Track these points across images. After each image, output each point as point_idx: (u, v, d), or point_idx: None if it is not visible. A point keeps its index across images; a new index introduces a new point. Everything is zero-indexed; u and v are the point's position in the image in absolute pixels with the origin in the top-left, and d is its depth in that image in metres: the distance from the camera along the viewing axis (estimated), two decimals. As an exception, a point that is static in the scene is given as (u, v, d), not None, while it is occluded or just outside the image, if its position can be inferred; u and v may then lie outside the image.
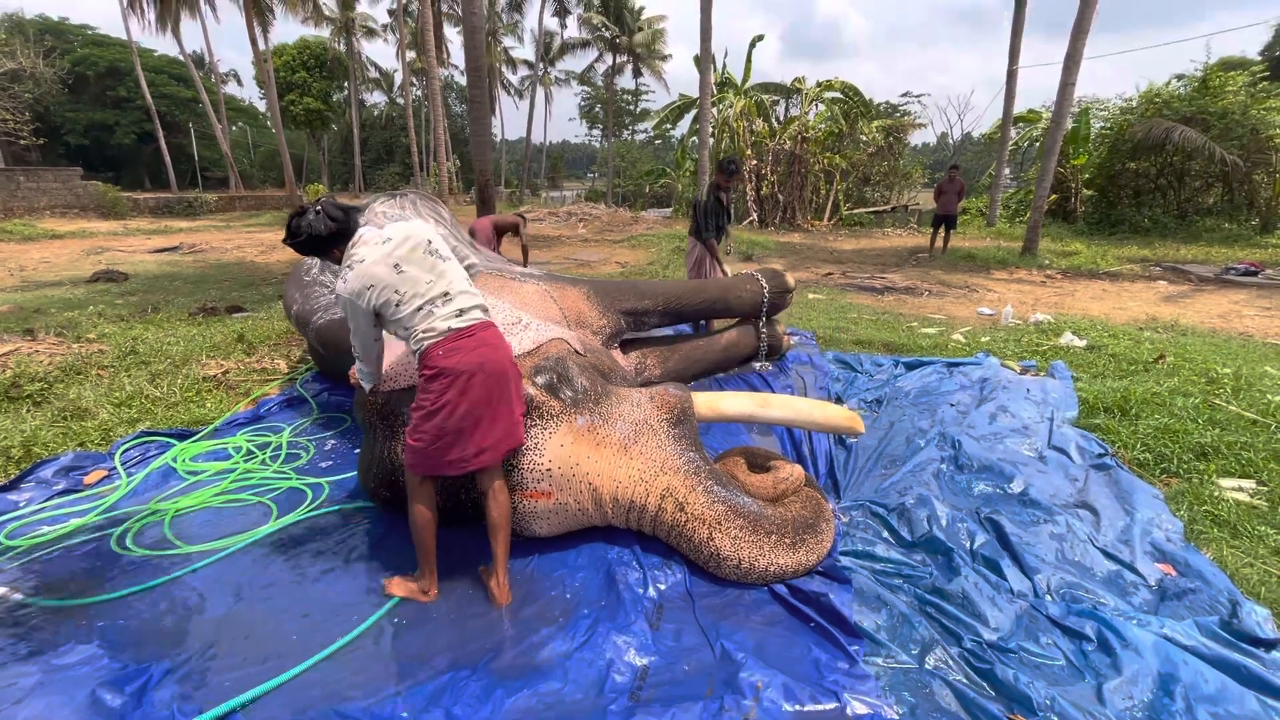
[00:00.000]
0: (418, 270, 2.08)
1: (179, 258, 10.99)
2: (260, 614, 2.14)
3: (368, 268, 2.03)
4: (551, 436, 2.36)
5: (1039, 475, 2.98)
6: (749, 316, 4.50)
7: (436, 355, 2.03)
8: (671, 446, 2.39)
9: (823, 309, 6.92)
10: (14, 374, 3.98)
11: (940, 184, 11.15)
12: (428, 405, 2.04)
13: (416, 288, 2.06)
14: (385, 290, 2.03)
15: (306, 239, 2.08)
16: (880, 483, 2.98)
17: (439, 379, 2.03)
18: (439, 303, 2.07)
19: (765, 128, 18.32)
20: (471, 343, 2.08)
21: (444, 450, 2.07)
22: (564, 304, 3.52)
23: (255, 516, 2.75)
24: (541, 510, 2.36)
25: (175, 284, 8.30)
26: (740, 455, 2.70)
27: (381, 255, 2.05)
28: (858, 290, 8.31)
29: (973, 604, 2.12)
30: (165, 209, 19.87)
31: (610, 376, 2.90)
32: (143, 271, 9.21)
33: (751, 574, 2.22)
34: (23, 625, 2.05)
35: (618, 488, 2.34)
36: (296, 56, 33.70)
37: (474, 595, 2.22)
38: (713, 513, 2.25)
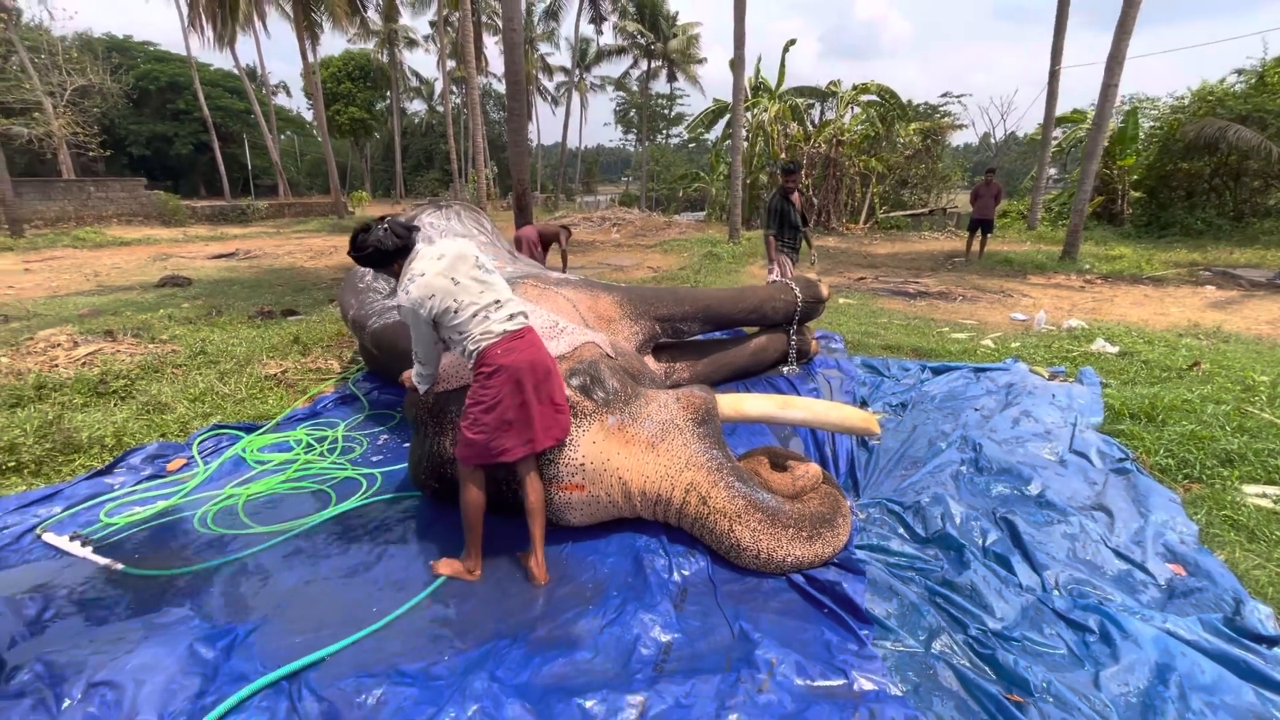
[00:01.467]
0: (470, 282, 2.32)
1: (236, 263, 11.64)
2: (323, 587, 2.40)
3: (428, 280, 2.27)
4: (585, 434, 2.56)
5: (1057, 478, 3.06)
6: (781, 323, 4.64)
7: (495, 354, 2.27)
8: (696, 444, 2.57)
9: (853, 314, 6.99)
10: (101, 372, 4.40)
11: (976, 188, 11.04)
12: (488, 399, 2.27)
13: (471, 296, 2.30)
14: (444, 299, 2.27)
15: (372, 253, 2.32)
16: (899, 483, 3.09)
17: (498, 375, 2.26)
18: (492, 309, 2.32)
19: (800, 131, 18.31)
20: (523, 343, 2.32)
21: (500, 440, 2.30)
22: (598, 310, 3.73)
23: (316, 502, 3.04)
24: (575, 501, 2.56)
25: (234, 288, 8.84)
26: (762, 454, 2.86)
27: (439, 269, 2.29)
28: (890, 295, 8.34)
29: (980, 595, 2.25)
30: (220, 216, 20.93)
31: (640, 378, 3.09)
32: (204, 276, 9.82)
33: (770, 564, 2.38)
34: (126, 590, 2.36)
35: (645, 482, 2.52)
36: (342, 68, 35.01)
37: (513, 575, 2.44)
38: (734, 506, 2.41)
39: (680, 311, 4.06)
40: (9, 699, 1.83)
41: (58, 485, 3.08)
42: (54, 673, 1.91)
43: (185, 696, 1.86)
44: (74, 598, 2.30)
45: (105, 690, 1.86)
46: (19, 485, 3.10)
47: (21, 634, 2.09)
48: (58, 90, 23.35)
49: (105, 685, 1.87)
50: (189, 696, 1.87)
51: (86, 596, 2.32)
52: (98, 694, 1.85)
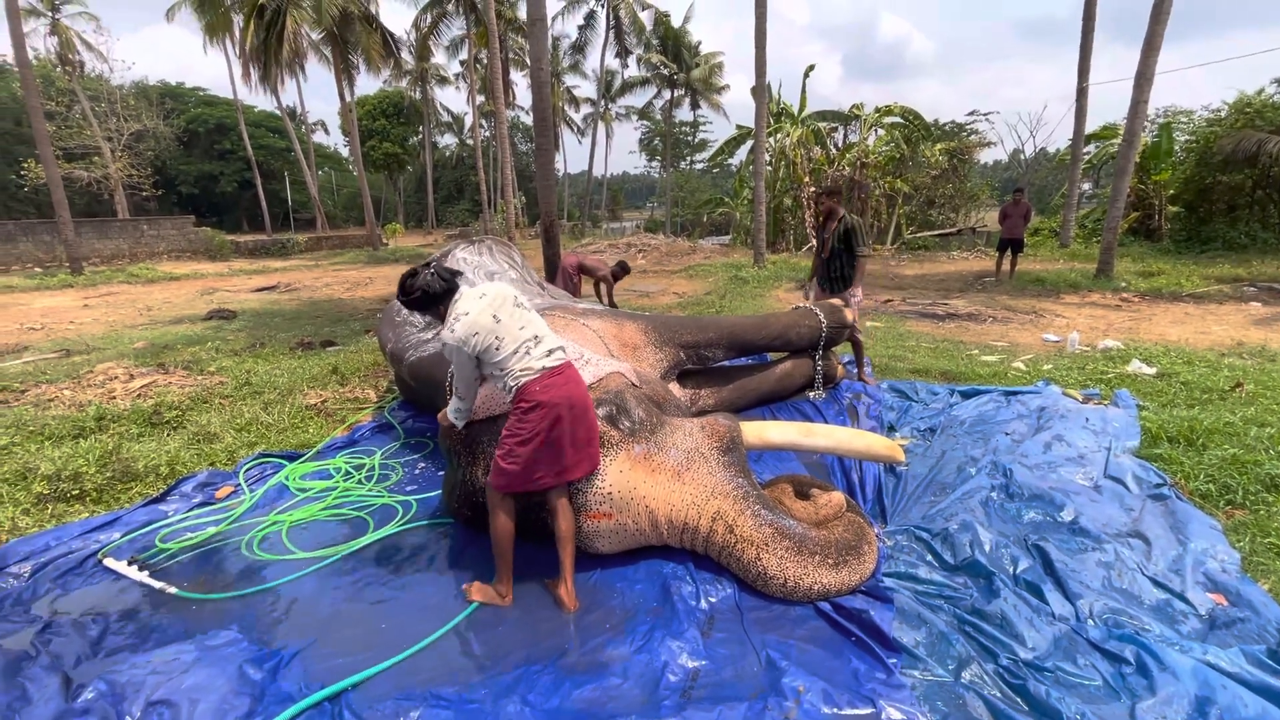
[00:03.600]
0: (511, 320, 2.44)
1: (277, 296, 12.11)
2: (362, 611, 2.49)
3: (473, 319, 2.38)
4: (612, 463, 2.62)
5: (1091, 504, 3.01)
6: (807, 349, 4.66)
7: (534, 390, 2.37)
8: (721, 473, 2.61)
9: (880, 337, 6.96)
10: (155, 403, 4.64)
11: (1005, 207, 10.95)
12: (524, 433, 2.36)
13: (512, 333, 2.41)
14: (488, 336, 2.38)
15: (420, 296, 2.45)
16: (928, 509, 3.08)
17: (536, 410, 2.36)
18: (532, 344, 2.43)
19: (823, 155, 18.41)
20: (561, 380, 2.42)
21: (533, 471, 2.39)
22: (624, 338, 3.82)
23: (355, 528, 3.16)
24: (603, 530, 2.62)
25: (275, 320, 9.21)
26: (787, 482, 2.89)
27: (482, 308, 2.41)
28: (918, 317, 8.28)
29: (1011, 625, 2.23)
30: (262, 250, 21.83)
31: (665, 407, 3.16)
32: (248, 309, 10.25)
33: (796, 591, 2.40)
34: (178, 613, 2.49)
35: (672, 510, 2.57)
36: (377, 105, 36.53)
37: (544, 601, 2.50)
38: (760, 534, 2.45)
39: (705, 338, 4.12)
40: (76, 716, 1.95)
41: (117, 512, 3.25)
42: (115, 691, 2.03)
43: (236, 715, 1.96)
44: (132, 619, 2.43)
45: (163, 709, 1.97)
46: (82, 512, 3.29)
47: (86, 653, 2.23)
48: (115, 135, 24.85)
49: (163, 704, 1.98)
50: (239, 716, 1.96)
51: (143, 618, 2.45)
52: (155, 712, 1.96)
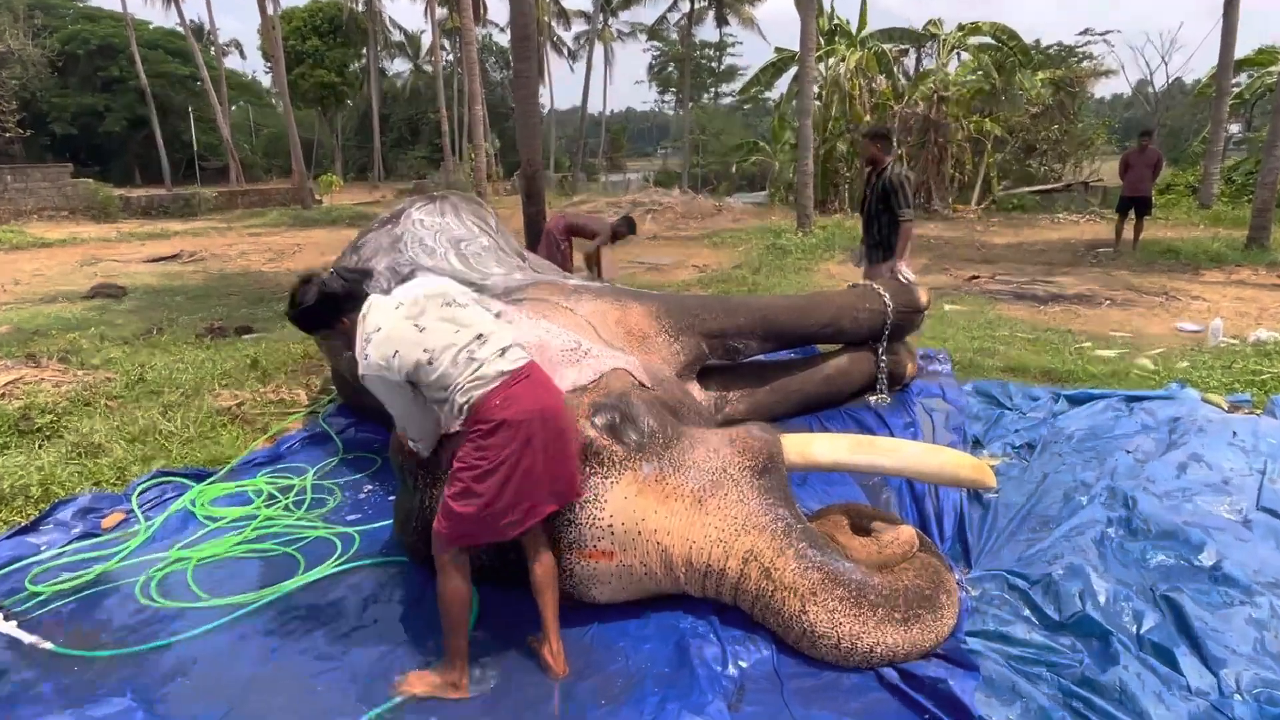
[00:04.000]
0: (439, 323, 2.38)
1: (179, 268, 12.20)
2: (291, 675, 2.51)
3: (387, 333, 2.31)
4: (614, 487, 2.62)
5: (1239, 544, 3.00)
6: (867, 339, 4.66)
7: (493, 406, 2.31)
8: (756, 500, 2.62)
9: (963, 325, 6.95)
10: (23, 405, 4.69)
11: (1127, 155, 10.87)
12: (485, 464, 2.29)
13: (445, 339, 2.36)
14: (412, 350, 2.31)
15: (315, 308, 2.42)
16: (1025, 549, 3.08)
17: (500, 432, 2.29)
18: (476, 346, 2.37)
19: (889, 87, 18.34)
20: (527, 386, 2.37)
21: (498, 515, 2.33)
22: (628, 324, 3.82)
23: (281, 568, 3.18)
24: (602, 573, 2.62)
25: (177, 299, 9.27)
26: (841, 513, 2.90)
27: (398, 318, 2.36)
28: (1013, 299, 8.26)
29: (1133, 699, 2.23)
30: (160, 208, 21.96)
31: (683, 414, 3.15)
32: (141, 285, 10.32)
33: (853, 654, 2.40)
34: (54, 674, 2.52)
35: (691, 549, 2.58)
36: (308, 21, 36.55)
37: (524, 665, 2.51)
38: (806, 581, 2.45)
39: (734, 325, 4.13)
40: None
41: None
42: (-26, 775, 2.06)
43: (129, 808, 1.98)
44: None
45: (35, 798, 1.99)
46: (-71, 545, 3.32)
47: (-65, 727, 2.26)
48: (-33, 59, 24.98)
49: (35, 792, 2.01)
50: (133, 808, 1.98)
51: (9, 682, 2.47)
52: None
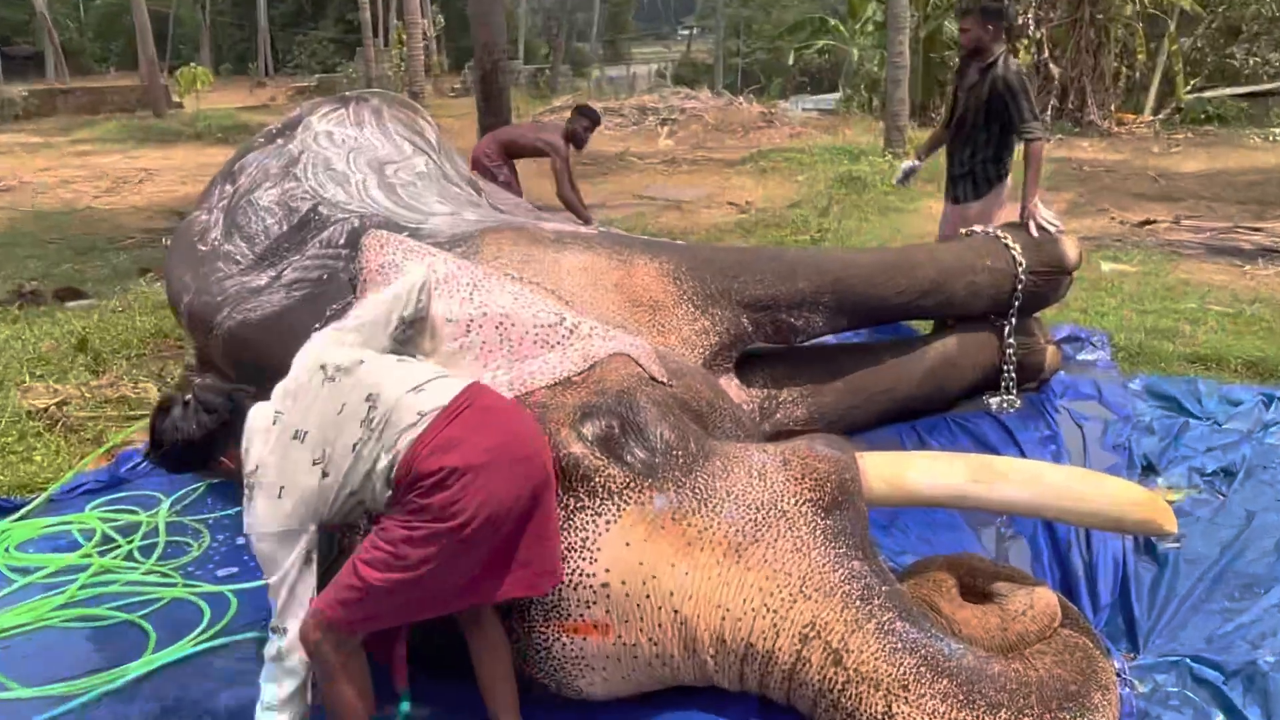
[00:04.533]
0: (321, 421, 2.44)
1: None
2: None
3: (268, 475, 2.39)
4: (610, 529, 2.61)
5: None
6: (986, 314, 4.64)
7: (427, 454, 2.31)
8: (820, 550, 2.61)
9: (1130, 292, 6.93)
10: None
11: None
12: (423, 529, 2.30)
13: (331, 430, 2.41)
14: (304, 476, 2.39)
15: (177, 450, 2.47)
16: (1218, 625, 3.10)
17: (449, 483, 2.29)
18: (373, 417, 2.41)
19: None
20: (472, 417, 2.39)
21: (430, 594, 2.36)
22: (633, 289, 3.81)
23: (121, 645, 3.19)
24: (593, 655, 2.61)
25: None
26: (947, 570, 2.88)
27: (274, 443, 2.42)
28: (1206, 253, 8.25)
29: None
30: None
31: (713, 422, 3.14)
32: (-89, 228, 10.37)
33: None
34: None
35: (725, 621, 2.57)
36: None
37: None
38: (893, 669, 2.43)
39: (790, 291, 4.11)
40: None
41: None
42: None
43: None
44: None
45: None
46: None
47: None
48: None
49: None
50: None
51: None
52: None
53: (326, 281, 3.95)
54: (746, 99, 20.82)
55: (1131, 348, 5.65)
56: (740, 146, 15.85)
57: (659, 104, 19.63)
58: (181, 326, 5.05)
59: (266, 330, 3.88)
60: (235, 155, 5.33)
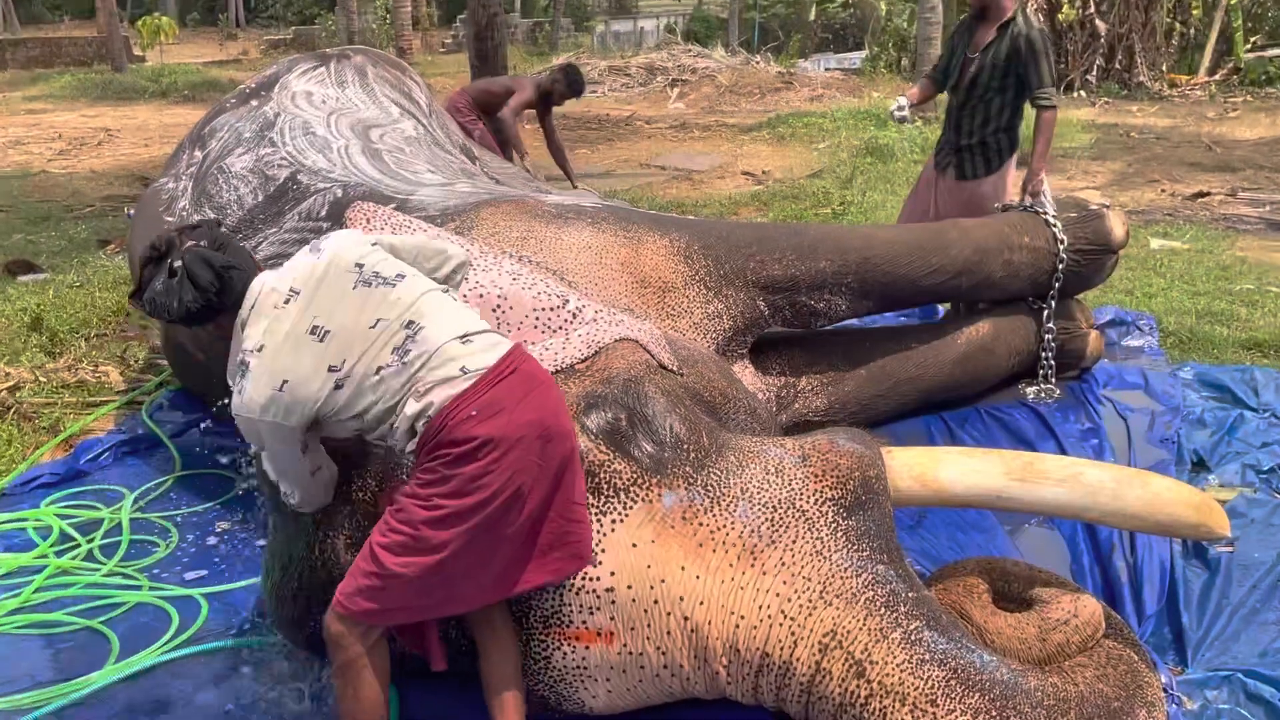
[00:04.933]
0: (350, 322, 2.40)
1: (-87, 166, 12.20)
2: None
3: (272, 354, 2.37)
4: (615, 529, 2.63)
5: None
6: (1024, 296, 4.65)
7: (465, 418, 2.31)
8: (842, 553, 2.62)
9: (1181, 271, 6.93)
10: None
11: None
12: (450, 506, 2.32)
13: (358, 345, 2.37)
14: (310, 378, 2.36)
15: (157, 311, 2.47)
16: (1275, 636, 3.11)
17: (477, 457, 2.30)
18: (409, 344, 2.38)
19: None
20: (517, 385, 2.39)
21: (456, 581, 2.38)
22: (640, 267, 3.82)
23: (82, 653, 3.20)
24: (596, 665, 2.64)
25: (-91, 218, 9.30)
26: (980, 574, 2.90)
27: (288, 328, 2.39)
28: (1265, 229, 8.25)
29: None
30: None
31: (726, 413, 3.16)
32: None
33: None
34: None
35: (738, 629, 2.58)
36: None
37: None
38: (920, 682, 2.45)
39: (811, 271, 4.12)
40: None
41: None
42: None
43: None
44: None
45: None
46: None
47: None
48: None
49: None
50: None
51: None
52: None
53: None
54: (764, 58, 20.76)
55: (1181, 333, 5.64)
56: (756, 110, 15.81)
57: (668, 63, 19.58)
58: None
59: (240, 311, 3.89)
60: (205, 117, 5.32)
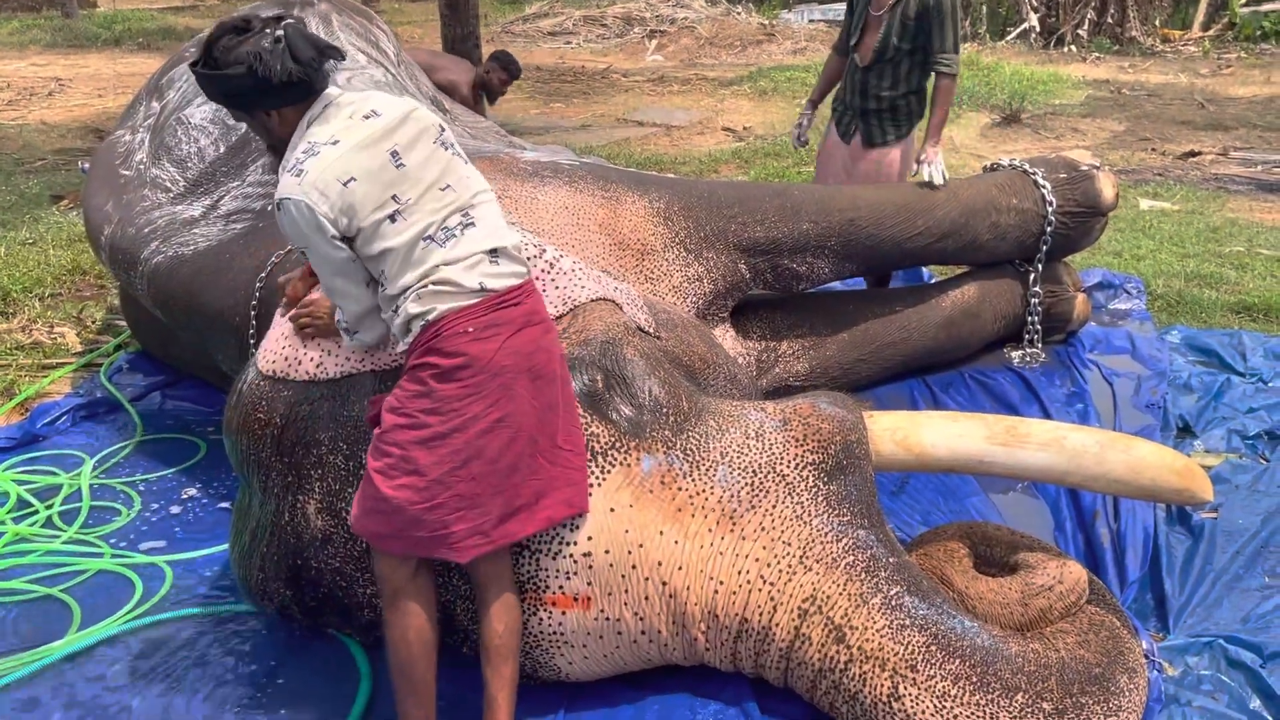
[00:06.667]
0: (427, 168, 2.43)
1: None
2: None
3: (347, 152, 2.36)
4: (593, 494, 2.65)
5: None
6: (1010, 258, 4.68)
7: (460, 332, 2.37)
8: (823, 518, 2.67)
9: (1170, 233, 6.97)
10: None
11: None
12: (434, 423, 2.37)
13: (429, 197, 2.41)
14: (377, 190, 2.36)
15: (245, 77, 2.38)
16: (1257, 603, 3.17)
17: (461, 375, 2.35)
18: (457, 230, 2.42)
19: None
20: (517, 316, 2.43)
21: (448, 513, 2.39)
22: (618, 229, 3.84)
23: (42, 622, 3.23)
24: (573, 630, 2.68)
25: None
26: (961, 539, 2.95)
27: (365, 137, 2.40)
28: (1256, 190, 8.26)
29: None
30: None
31: (706, 377, 3.18)
32: None
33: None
34: None
35: (717, 594, 2.63)
36: None
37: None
38: (901, 647, 2.50)
39: (793, 233, 4.14)
40: None
41: None
42: None
43: None
44: None
45: None
46: None
47: None
48: None
49: None
50: None
51: None
52: None
53: (271, 213, 3.93)
54: (745, 8, 20.63)
55: (1170, 296, 5.69)
56: (737, 64, 15.72)
57: (646, 13, 19.42)
58: (101, 262, 5.00)
59: (200, 268, 3.87)
60: (163, 67, 5.27)
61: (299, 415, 2.83)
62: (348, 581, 2.85)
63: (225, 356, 3.77)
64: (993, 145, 9.91)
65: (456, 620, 2.77)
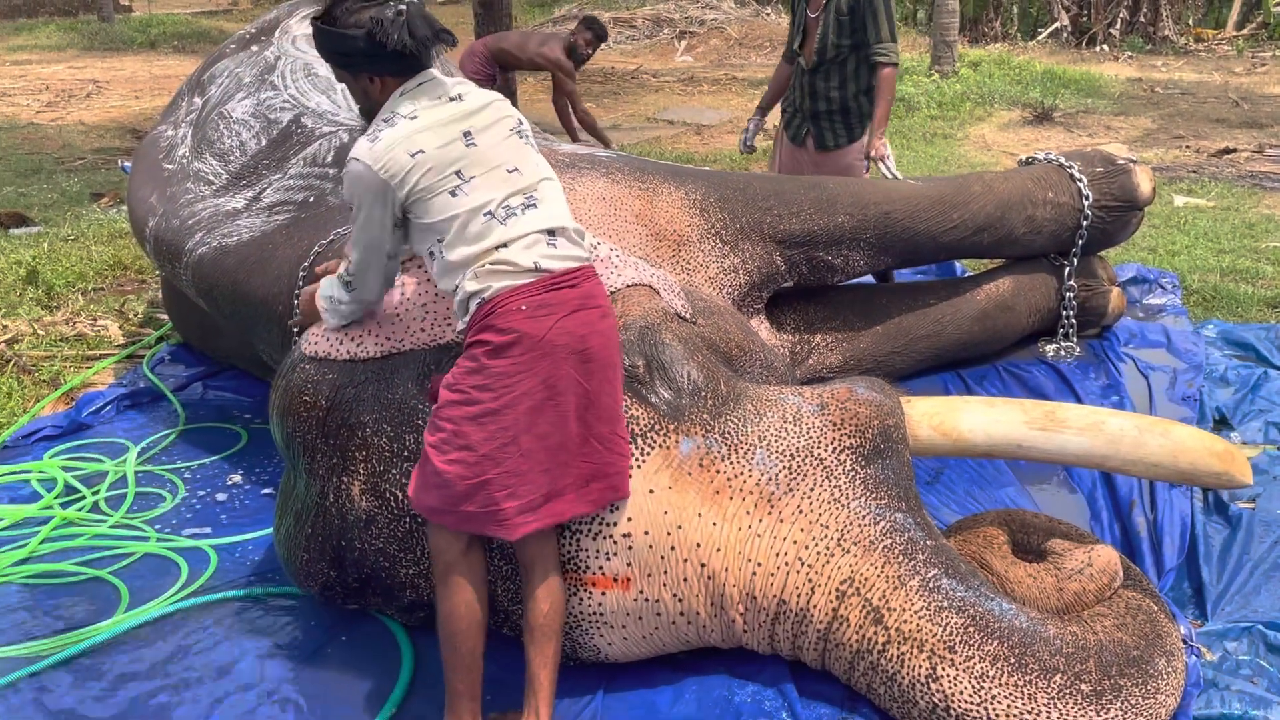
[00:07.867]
0: (497, 151, 2.56)
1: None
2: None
3: (421, 128, 2.50)
4: (633, 475, 2.68)
5: None
6: (1046, 252, 4.68)
7: (513, 309, 2.42)
8: (860, 501, 2.68)
9: (1205, 229, 6.94)
10: None
11: None
12: (485, 401, 2.45)
13: (492, 178, 2.51)
14: (443, 164, 2.48)
15: (361, 39, 2.51)
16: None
17: (512, 352, 2.41)
18: (518, 209, 2.51)
19: None
20: (572, 298, 2.49)
21: (497, 489, 2.43)
22: (655, 220, 3.86)
23: (89, 604, 3.28)
24: (613, 611, 2.70)
25: (-104, 171, 9.30)
26: (998, 525, 2.96)
27: (443, 116, 2.54)
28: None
29: None
30: None
31: (743, 364, 3.21)
32: None
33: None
34: None
35: (755, 576, 2.65)
36: None
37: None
38: (939, 629, 2.52)
39: (828, 226, 4.16)
40: None
41: None
42: None
43: None
44: None
45: None
46: None
47: None
48: None
49: None
50: None
51: None
52: None
53: (313, 204, 3.99)
54: (774, 9, 20.58)
55: (1205, 291, 5.67)
56: (767, 64, 15.64)
57: (675, 14, 19.42)
58: (146, 254, 5.06)
59: (244, 259, 3.91)
60: (204, 63, 5.32)
61: (344, 398, 2.87)
62: (391, 562, 2.89)
63: (268, 345, 3.82)
64: (1024, 143, 9.81)
65: (497, 600, 2.79)
